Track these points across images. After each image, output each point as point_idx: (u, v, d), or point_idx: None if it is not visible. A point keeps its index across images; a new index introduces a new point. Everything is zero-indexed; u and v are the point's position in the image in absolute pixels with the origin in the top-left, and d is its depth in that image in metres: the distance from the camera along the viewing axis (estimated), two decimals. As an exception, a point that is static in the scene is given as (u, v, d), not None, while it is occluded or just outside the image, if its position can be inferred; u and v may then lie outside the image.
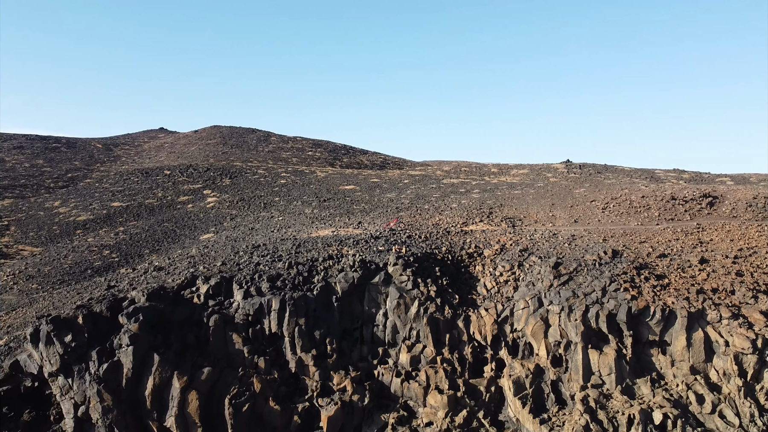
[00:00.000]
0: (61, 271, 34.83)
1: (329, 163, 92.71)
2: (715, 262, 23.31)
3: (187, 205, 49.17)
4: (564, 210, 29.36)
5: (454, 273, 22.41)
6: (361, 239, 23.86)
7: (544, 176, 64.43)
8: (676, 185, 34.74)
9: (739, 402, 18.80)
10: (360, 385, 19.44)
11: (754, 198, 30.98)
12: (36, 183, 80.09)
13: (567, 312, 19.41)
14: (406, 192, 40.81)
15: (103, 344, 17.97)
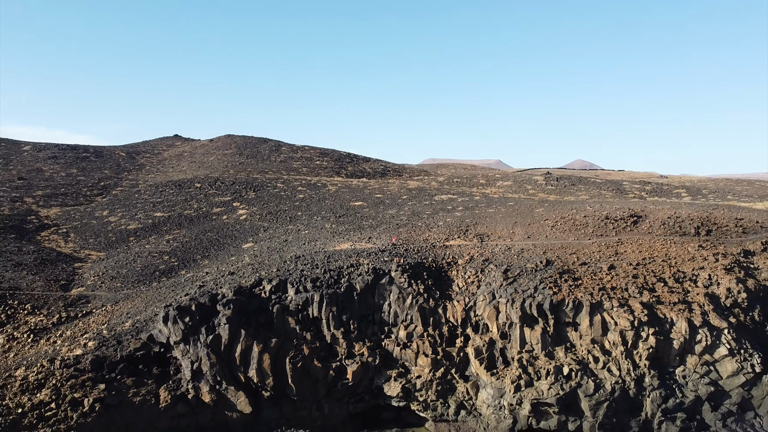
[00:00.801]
0: (135, 273, 44.27)
1: (335, 171, 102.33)
2: (620, 268, 32.94)
3: (221, 216, 58.88)
4: (522, 227, 39.05)
5: (436, 276, 32.13)
6: (372, 252, 33.57)
7: (524, 188, 74.12)
8: (611, 206, 44.12)
9: (621, 361, 28.47)
10: (372, 351, 29.22)
11: (668, 218, 40.65)
12: (74, 191, 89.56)
13: (510, 302, 29.17)
14: (404, 208, 50.48)
15: (208, 323, 27.73)
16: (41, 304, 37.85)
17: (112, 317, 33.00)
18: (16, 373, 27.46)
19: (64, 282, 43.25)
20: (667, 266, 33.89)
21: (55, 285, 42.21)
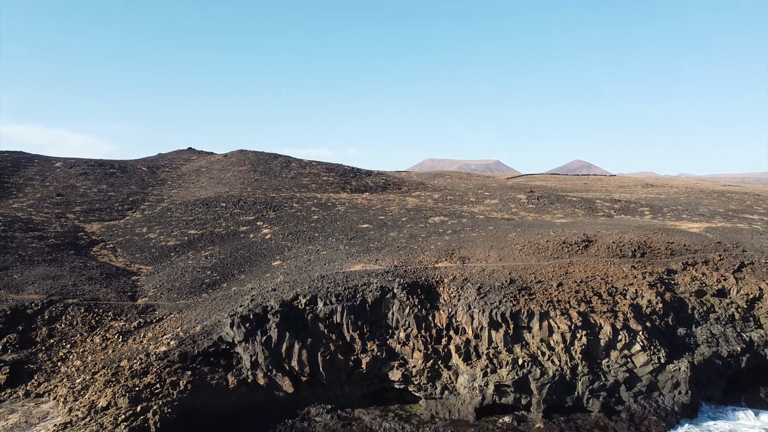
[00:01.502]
0: (186, 285, 54.52)
1: (341, 187, 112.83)
2: (566, 285, 43.39)
3: (248, 234, 69.34)
4: (496, 250, 49.57)
5: (428, 291, 42.65)
6: (379, 273, 44.10)
7: (508, 206, 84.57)
8: (571, 231, 54.56)
9: (561, 355, 38.90)
10: (380, 348, 39.73)
11: (613, 242, 51.16)
12: (107, 206, 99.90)
13: (481, 312, 39.70)
14: (403, 231, 60.95)
15: (262, 327, 38.23)
16: (119, 312, 48.24)
17: (183, 323, 43.44)
18: (122, 364, 37.90)
19: (130, 293, 53.64)
20: (604, 283, 44.45)
21: (125, 296, 52.60)
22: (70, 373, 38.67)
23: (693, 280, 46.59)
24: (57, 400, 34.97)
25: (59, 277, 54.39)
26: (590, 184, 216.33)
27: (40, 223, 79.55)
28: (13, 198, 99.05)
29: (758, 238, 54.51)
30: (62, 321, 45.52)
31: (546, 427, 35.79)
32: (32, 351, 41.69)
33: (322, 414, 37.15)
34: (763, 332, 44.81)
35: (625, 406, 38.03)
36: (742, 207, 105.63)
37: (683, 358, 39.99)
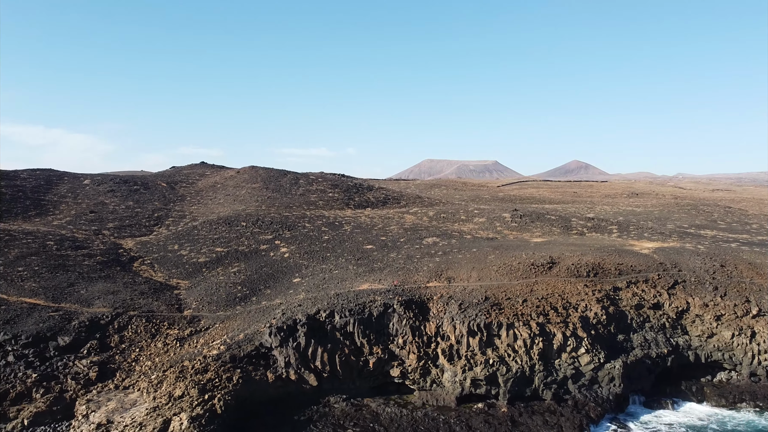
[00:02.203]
0: (222, 299, 65.69)
1: (345, 203, 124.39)
2: (529, 301, 54.86)
3: (269, 253, 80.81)
4: (477, 272, 61.14)
5: (420, 306, 54.17)
6: (382, 291, 55.62)
7: (494, 225, 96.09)
8: (539, 253, 66.10)
9: (523, 357, 50.36)
10: (384, 351, 51.27)
11: (572, 264, 62.67)
12: (136, 222, 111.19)
13: (462, 323, 51.25)
14: (401, 252, 72.48)
15: (293, 335, 49.76)
16: (172, 322, 59.64)
17: (227, 331, 54.91)
18: (185, 364, 49.26)
19: (177, 305, 64.98)
20: (560, 299, 56.00)
21: (173, 308, 63.94)
22: (144, 371, 50.12)
23: (633, 296, 58.22)
24: (141, 391, 46.40)
25: (117, 292, 65.71)
26: (579, 193, 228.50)
27: (84, 240, 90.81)
28: (51, 215, 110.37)
29: (694, 259, 66.07)
30: (129, 329, 56.93)
31: (509, 410, 47.34)
32: (110, 354, 53.10)
33: (339, 402, 48.64)
34: (687, 338, 56.47)
35: (572, 396, 49.62)
36: (707, 222, 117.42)
37: (619, 359, 51.61)
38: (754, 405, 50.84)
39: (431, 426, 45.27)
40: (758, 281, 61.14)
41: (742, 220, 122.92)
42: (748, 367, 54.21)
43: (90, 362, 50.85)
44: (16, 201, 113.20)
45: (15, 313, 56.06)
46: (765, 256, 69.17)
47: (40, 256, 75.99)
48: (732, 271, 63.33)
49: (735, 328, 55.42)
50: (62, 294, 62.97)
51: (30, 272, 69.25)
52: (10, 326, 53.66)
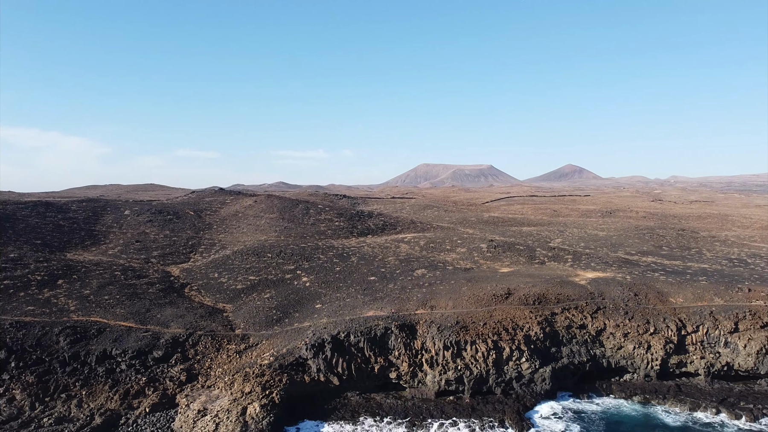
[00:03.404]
0: (263, 321, 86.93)
1: (350, 231, 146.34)
2: (488, 324, 76.64)
3: (293, 281, 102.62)
4: (452, 301, 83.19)
5: (410, 328, 76.17)
6: (383, 317, 77.53)
7: (472, 255, 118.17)
8: (500, 285, 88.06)
9: (481, 364, 72.12)
10: (385, 361, 73.27)
11: (523, 294, 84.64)
12: (175, 250, 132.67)
13: (440, 340, 73.40)
14: (397, 283, 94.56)
15: (322, 349, 71.73)
16: (229, 339, 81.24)
17: (272, 346, 76.68)
18: (247, 370, 70.93)
19: (229, 326, 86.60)
20: (511, 322, 78.03)
21: (226, 327, 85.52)
22: (218, 375, 71.85)
23: (565, 319, 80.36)
24: (220, 389, 68.11)
25: (183, 315, 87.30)
26: (559, 211, 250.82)
27: (140, 269, 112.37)
28: (104, 245, 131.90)
29: (617, 289, 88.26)
30: (200, 345, 78.58)
31: (471, 401, 69.35)
32: (191, 363, 74.76)
33: (354, 396, 70.50)
34: (603, 349, 78.60)
35: (515, 391, 71.68)
36: (653, 248, 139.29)
37: (550, 365, 73.71)
38: (643, 397, 73.00)
39: (417, 411, 67.26)
40: (659, 307, 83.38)
41: (686, 245, 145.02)
42: (643, 370, 76.45)
43: (179, 369, 72.60)
44: (74, 233, 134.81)
45: (118, 333, 77.72)
46: (672, 285, 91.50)
47: (115, 286, 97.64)
48: (642, 299, 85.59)
49: (636, 343, 77.66)
50: (145, 318, 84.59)
51: (113, 300, 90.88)
52: (118, 343, 75.33)
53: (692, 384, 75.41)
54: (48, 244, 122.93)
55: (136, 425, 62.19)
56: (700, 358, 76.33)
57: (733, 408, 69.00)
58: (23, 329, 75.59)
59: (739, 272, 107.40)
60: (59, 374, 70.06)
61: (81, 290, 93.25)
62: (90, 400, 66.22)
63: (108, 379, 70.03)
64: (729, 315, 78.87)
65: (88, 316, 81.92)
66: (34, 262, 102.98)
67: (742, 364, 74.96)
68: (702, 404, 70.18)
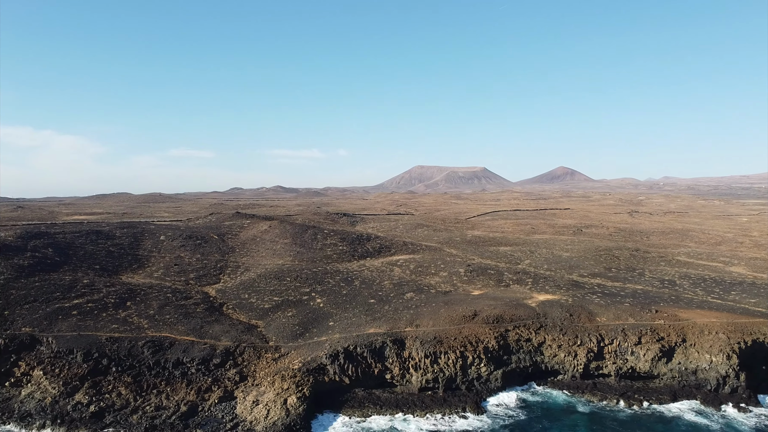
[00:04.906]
0: (289, 335, 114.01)
1: (351, 254, 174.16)
2: (457, 339, 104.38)
3: (309, 302, 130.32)
4: (432, 320, 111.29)
5: (401, 342, 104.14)
6: (381, 334, 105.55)
7: (452, 280, 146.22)
8: (469, 307, 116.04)
9: (452, 368, 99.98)
10: (382, 366, 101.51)
11: (486, 315, 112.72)
12: (207, 273, 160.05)
13: (422, 350, 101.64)
14: (391, 304, 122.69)
15: (337, 358, 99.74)
16: (266, 350, 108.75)
17: (300, 355, 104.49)
18: (283, 373, 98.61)
19: (264, 339, 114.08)
20: (474, 337, 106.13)
21: (262, 340, 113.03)
22: (262, 376, 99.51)
23: (516, 334, 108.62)
24: (265, 386, 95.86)
25: (228, 331, 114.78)
26: (536, 227, 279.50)
27: (185, 291, 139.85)
28: (148, 268, 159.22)
29: (557, 310, 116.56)
30: (245, 354, 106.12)
31: (444, 395, 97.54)
32: (240, 368, 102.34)
33: (360, 391, 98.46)
34: (542, 357, 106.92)
35: (476, 387, 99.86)
36: (603, 270, 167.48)
37: (502, 369, 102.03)
38: (569, 392, 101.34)
39: (405, 402, 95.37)
40: (587, 325, 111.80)
41: (633, 267, 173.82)
42: (570, 372, 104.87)
43: (233, 372, 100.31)
44: (122, 257, 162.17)
45: (185, 345, 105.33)
46: (601, 306, 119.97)
47: (171, 306, 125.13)
48: (575, 318, 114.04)
49: (566, 352, 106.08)
50: (201, 333, 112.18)
51: (173, 319, 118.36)
52: (186, 353, 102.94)
53: (605, 382, 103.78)
54: (105, 268, 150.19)
55: (210, 412, 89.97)
56: (612, 363, 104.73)
57: (629, 399, 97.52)
58: (116, 343, 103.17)
59: (662, 294, 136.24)
60: (148, 376, 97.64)
61: (146, 311, 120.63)
62: (174, 395, 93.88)
63: (183, 379, 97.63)
64: (636, 331, 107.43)
65: (159, 332, 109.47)
66: (104, 287, 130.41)
67: (642, 368, 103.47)
68: (609, 396, 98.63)
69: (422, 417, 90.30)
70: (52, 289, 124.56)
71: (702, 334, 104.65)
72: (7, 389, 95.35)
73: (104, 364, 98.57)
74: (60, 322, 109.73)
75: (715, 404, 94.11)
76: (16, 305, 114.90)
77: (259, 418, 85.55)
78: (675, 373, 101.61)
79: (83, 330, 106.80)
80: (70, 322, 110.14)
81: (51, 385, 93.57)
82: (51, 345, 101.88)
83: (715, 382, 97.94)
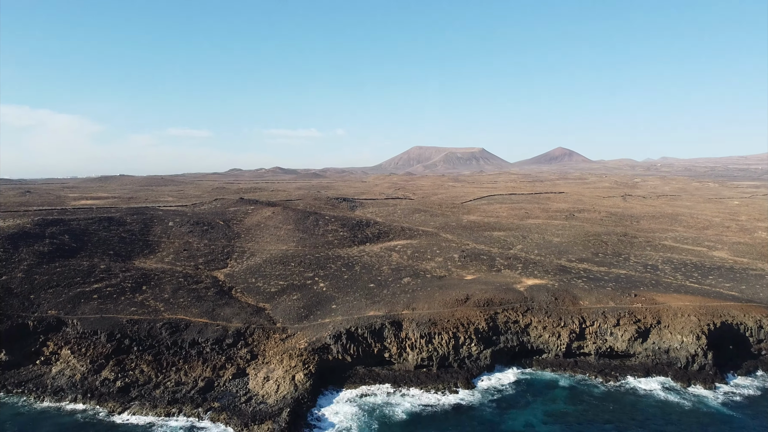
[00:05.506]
0: (295, 317, 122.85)
1: (352, 240, 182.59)
2: (451, 320, 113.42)
3: (312, 286, 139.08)
4: (428, 304, 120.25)
5: (398, 324, 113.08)
6: (380, 316, 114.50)
7: (446, 264, 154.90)
8: (462, 292, 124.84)
9: (444, 346, 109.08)
10: (381, 345, 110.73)
11: (478, 299, 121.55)
12: (215, 258, 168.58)
13: (418, 331, 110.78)
14: (390, 289, 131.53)
15: (340, 339, 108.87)
16: (274, 330, 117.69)
17: (306, 335, 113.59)
18: (291, 352, 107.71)
19: (271, 320, 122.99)
20: (466, 319, 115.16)
21: (270, 322, 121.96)
22: (272, 355, 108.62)
23: (504, 316, 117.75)
24: (275, 364, 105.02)
25: (239, 313, 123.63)
26: (530, 212, 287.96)
27: (195, 275, 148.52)
28: (159, 253, 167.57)
29: (543, 294, 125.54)
30: (255, 334, 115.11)
31: (437, 372, 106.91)
32: (251, 347, 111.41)
33: (361, 368, 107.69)
34: (528, 337, 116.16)
35: (467, 365, 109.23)
36: (591, 255, 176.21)
37: (491, 348, 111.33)
38: (552, 369, 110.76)
39: (402, 378, 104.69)
40: (571, 308, 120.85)
41: (620, 252, 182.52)
42: (554, 351, 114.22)
43: (245, 351, 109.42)
44: (134, 243, 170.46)
45: (200, 327, 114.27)
46: (585, 291, 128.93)
47: (184, 290, 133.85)
48: (560, 302, 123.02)
49: (551, 333, 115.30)
50: (213, 315, 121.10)
51: (187, 302, 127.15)
52: (201, 334, 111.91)
53: (585, 361, 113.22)
54: (119, 254, 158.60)
55: (225, 387, 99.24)
56: (592, 343, 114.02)
57: (606, 375, 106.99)
58: (136, 324, 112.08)
59: (643, 278, 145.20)
60: (167, 355, 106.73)
61: (161, 294, 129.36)
62: (191, 372, 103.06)
63: (199, 358, 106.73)
64: (615, 314, 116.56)
65: (175, 315, 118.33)
66: (120, 272, 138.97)
67: (619, 347, 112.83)
68: (588, 373, 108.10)
69: (418, 391, 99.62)
70: (73, 275, 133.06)
71: (675, 316, 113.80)
72: (38, 367, 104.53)
73: (126, 344, 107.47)
74: (83, 305, 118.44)
75: (684, 380, 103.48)
76: (40, 290, 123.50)
77: (270, 393, 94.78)
78: (649, 352, 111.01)
79: (105, 313, 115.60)
80: (92, 305, 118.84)
81: (79, 363, 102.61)
82: (76, 326, 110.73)
83: (684, 361, 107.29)
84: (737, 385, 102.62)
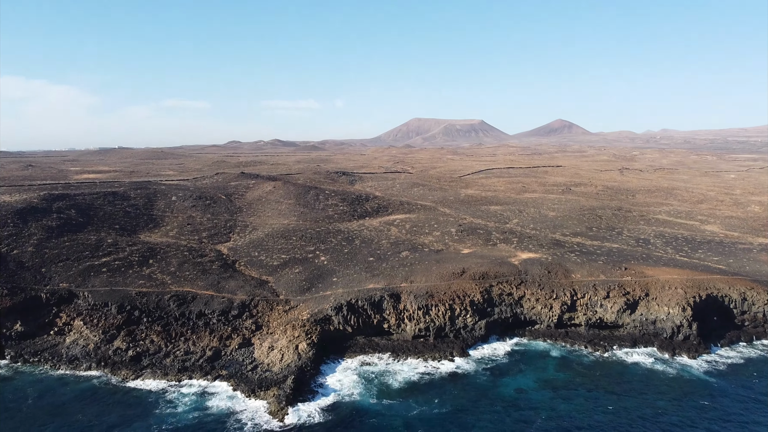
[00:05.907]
0: (297, 290, 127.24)
1: (351, 214, 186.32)
2: (448, 293, 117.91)
3: (314, 260, 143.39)
4: (425, 276, 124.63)
5: (397, 296, 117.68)
6: (380, 289, 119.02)
7: (444, 238, 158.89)
8: (459, 265, 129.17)
9: (443, 319, 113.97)
10: (380, 316, 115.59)
11: (474, 272, 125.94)
12: (218, 231, 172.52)
13: (416, 303, 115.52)
14: (389, 263, 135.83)
15: (341, 310, 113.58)
16: (277, 302, 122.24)
17: (308, 307, 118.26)
18: (294, 323, 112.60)
19: (275, 293, 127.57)
20: (462, 291, 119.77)
21: (273, 294, 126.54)
22: (276, 326, 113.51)
23: (499, 289, 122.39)
24: (278, 334, 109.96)
25: (243, 286, 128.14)
26: (527, 186, 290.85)
27: (200, 249, 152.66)
28: (163, 227, 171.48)
29: (537, 268, 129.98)
30: (259, 306, 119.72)
31: (434, 342, 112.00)
32: (256, 318, 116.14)
33: (361, 339, 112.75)
34: (522, 309, 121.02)
35: (462, 335, 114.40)
36: (585, 229, 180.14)
37: (485, 319, 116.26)
38: (544, 339, 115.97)
39: (401, 347, 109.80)
40: (563, 281, 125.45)
41: (613, 226, 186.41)
42: (546, 322, 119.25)
43: (250, 322, 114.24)
44: (139, 218, 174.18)
45: (206, 299, 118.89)
46: (577, 264, 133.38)
47: (189, 263, 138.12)
48: (553, 275, 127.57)
49: (543, 305, 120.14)
50: (219, 288, 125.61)
51: (192, 275, 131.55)
52: (207, 306, 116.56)
53: (576, 331, 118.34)
54: (124, 228, 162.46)
55: (232, 356, 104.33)
56: (583, 314, 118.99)
57: (596, 345, 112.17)
58: (145, 297, 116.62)
59: (634, 252, 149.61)
60: (175, 325, 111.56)
61: (167, 268, 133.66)
62: (199, 341, 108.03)
63: (206, 328, 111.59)
64: (605, 287, 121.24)
65: (182, 287, 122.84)
66: (126, 246, 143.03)
67: (608, 319, 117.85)
68: (578, 343, 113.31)
69: (415, 360, 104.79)
70: (81, 248, 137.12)
71: (663, 289, 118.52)
72: (52, 337, 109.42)
73: (136, 315, 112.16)
74: (93, 278, 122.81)
75: (670, 350, 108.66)
76: (51, 263, 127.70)
77: (275, 361, 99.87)
78: (637, 323, 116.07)
79: (114, 285, 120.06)
80: (102, 278, 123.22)
81: (92, 333, 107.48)
82: (87, 299, 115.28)
83: (670, 331, 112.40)
84: (720, 355, 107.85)
